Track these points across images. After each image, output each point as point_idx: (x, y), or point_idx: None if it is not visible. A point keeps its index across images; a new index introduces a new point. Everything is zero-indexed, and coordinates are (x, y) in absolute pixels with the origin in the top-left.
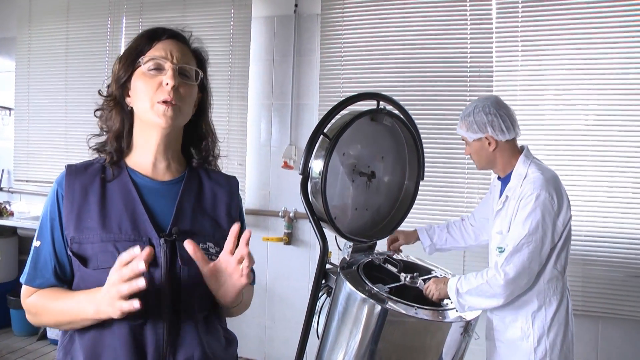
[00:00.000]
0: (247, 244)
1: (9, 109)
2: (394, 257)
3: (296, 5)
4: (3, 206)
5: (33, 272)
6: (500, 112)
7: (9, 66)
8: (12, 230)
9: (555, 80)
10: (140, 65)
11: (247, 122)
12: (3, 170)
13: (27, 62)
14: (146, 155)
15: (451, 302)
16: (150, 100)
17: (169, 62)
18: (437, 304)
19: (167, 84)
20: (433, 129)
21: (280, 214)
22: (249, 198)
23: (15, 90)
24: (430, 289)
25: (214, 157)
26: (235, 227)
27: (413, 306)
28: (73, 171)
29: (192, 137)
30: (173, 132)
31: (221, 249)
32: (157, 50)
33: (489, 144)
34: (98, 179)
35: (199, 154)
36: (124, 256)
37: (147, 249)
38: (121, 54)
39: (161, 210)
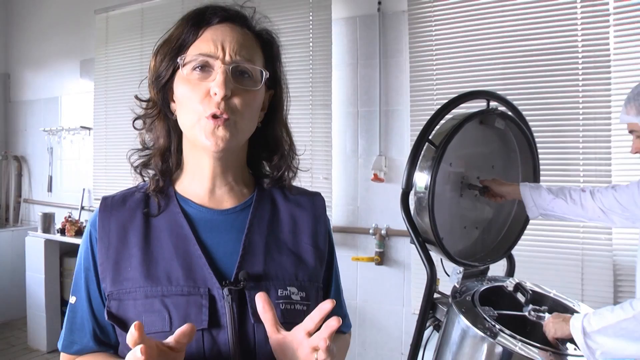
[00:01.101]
0: (330, 335)
1: (89, 129)
2: (526, 286)
3: (379, 3)
4: (84, 225)
5: (69, 336)
6: None
7: (89, 87)
8: None
9: None
10: (185, 64)
11: (332, 132)
12: (84, 190)
13: (105, 81)
14: (200, 181)
15: (577, 347)
16: (195, 113)
17: (219, 61)
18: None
19: (216, 93)
20: (541, 130)
21: (370, 231)
22: (336, 214)
23: (94, 110)
24: (547, 325)
25: (292, 172)
26: (326, 306)
27: (546, 350)
28: (108, 206)
29: (261, 147)
30: (231, 152)
31: (307, 294)
32: (204, 43)
33: None
34: (140, 213)
35: (271, 171)
36: (129, 337)
37: (183, 329)
38: (158, 44)
39: (223, 249)
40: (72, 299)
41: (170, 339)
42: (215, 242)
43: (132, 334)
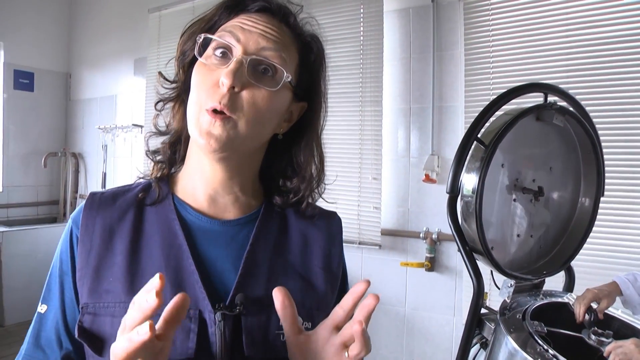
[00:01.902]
0: (367, 319)
1: (141, 127)
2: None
3: None
4: None
5: (33, 352)
6: None
7: (142, 85)
8: None
9: None
10: (207, 47)
11: (382, 130)
12: None
13: (156, 79)
14: (200, 184)
15: None
16: (198, 104)
17: (240, 47)
18: None
19: (223, 83)
20: (607, 128)
21: (421, 235)
22: (385, 216)
23: (145, 108)
24: (626, 351)
25: (312, 199)
26: (360, 287)
27: None
28: (95, 202)
29: (281, 165)
30: (238, 158)
31: (314, 325)
32: (231, 25)
33: None
34: (131, 214)
35: (287, 192)
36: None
37: (180, 296)
38: (189, 23)
39: (221, 266)
40: (41, 308)
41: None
42: (212, 257)
43: (152, 285)
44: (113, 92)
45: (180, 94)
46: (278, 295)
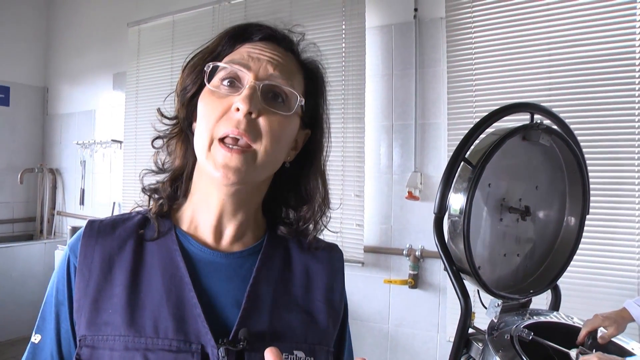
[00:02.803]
0: None
1: (120, 142)
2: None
3: (416, 10)
4: None
5: None
6: None
7: (121, 100)
8: None
9: None
10: (213, 76)
11: (365, 147)
12: (114, 203)
13: (135, 94)
14: (205, 215)
15: None
16: (210, 134)
17: (251, 74)
18: None
19: (238, 109)
20: (591, 146)
21: (404, 252)
22: (367, 234)
23: (125, 123)
24: None
25: (318, 230)
26: None
27: None
28: (94, 231)
29: (287, 194)
30: (248, 189)
31: (316, 359)
32: (239, 54)
33: None
34: (131, 244)
35: (295, 222)
36: None
37: None
38: (190, 56)
39: (224, 299)
40: (35, 338)
41: None
42: (215, 290)
43: None
44: (92, 107)
45: (182, 130)
46: (270, 357)
